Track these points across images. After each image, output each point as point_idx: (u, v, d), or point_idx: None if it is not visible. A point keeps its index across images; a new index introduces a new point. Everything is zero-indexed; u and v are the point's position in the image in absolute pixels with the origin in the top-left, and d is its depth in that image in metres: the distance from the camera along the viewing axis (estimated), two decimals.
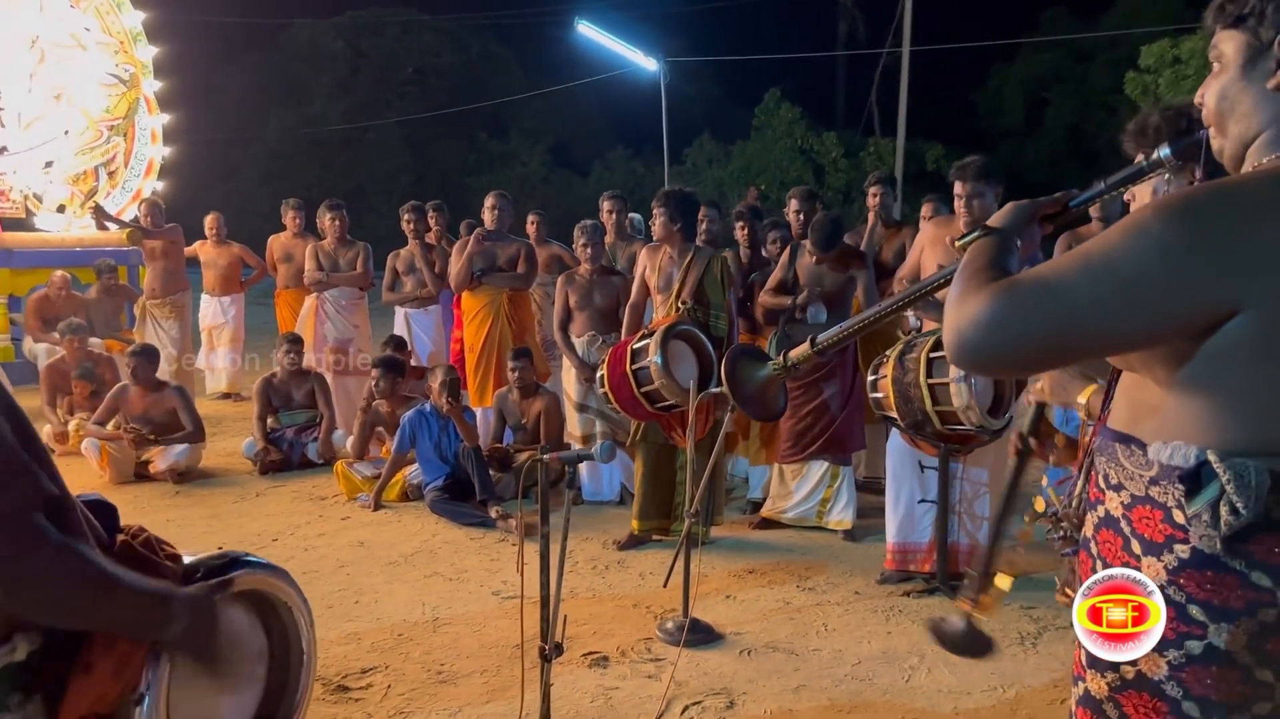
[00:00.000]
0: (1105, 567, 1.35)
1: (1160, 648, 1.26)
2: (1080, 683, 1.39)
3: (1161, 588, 1.26)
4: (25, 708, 1.39)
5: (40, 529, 1.32)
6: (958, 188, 4.22)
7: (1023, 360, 1.32)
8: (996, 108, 28.87)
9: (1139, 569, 1.29)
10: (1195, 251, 1.18)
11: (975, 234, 1.46)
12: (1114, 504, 1.35)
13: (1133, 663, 1.29)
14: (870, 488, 5.74)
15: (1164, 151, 1.46)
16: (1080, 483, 1.54)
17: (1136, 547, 1.30)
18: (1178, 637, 1.25)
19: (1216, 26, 1.35)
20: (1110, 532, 1.35)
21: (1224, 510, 1.19)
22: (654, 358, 4.42)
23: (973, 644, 2.13)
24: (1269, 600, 1.21)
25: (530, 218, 7.31)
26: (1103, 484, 1.38)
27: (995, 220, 1.49)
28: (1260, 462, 1.18)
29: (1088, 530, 1.42)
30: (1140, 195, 2.00)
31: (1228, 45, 1.33)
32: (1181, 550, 1.25)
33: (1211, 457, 1.21)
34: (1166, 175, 1.54)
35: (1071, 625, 3.78)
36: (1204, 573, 1.23)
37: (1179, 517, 1.25)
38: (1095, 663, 1.34)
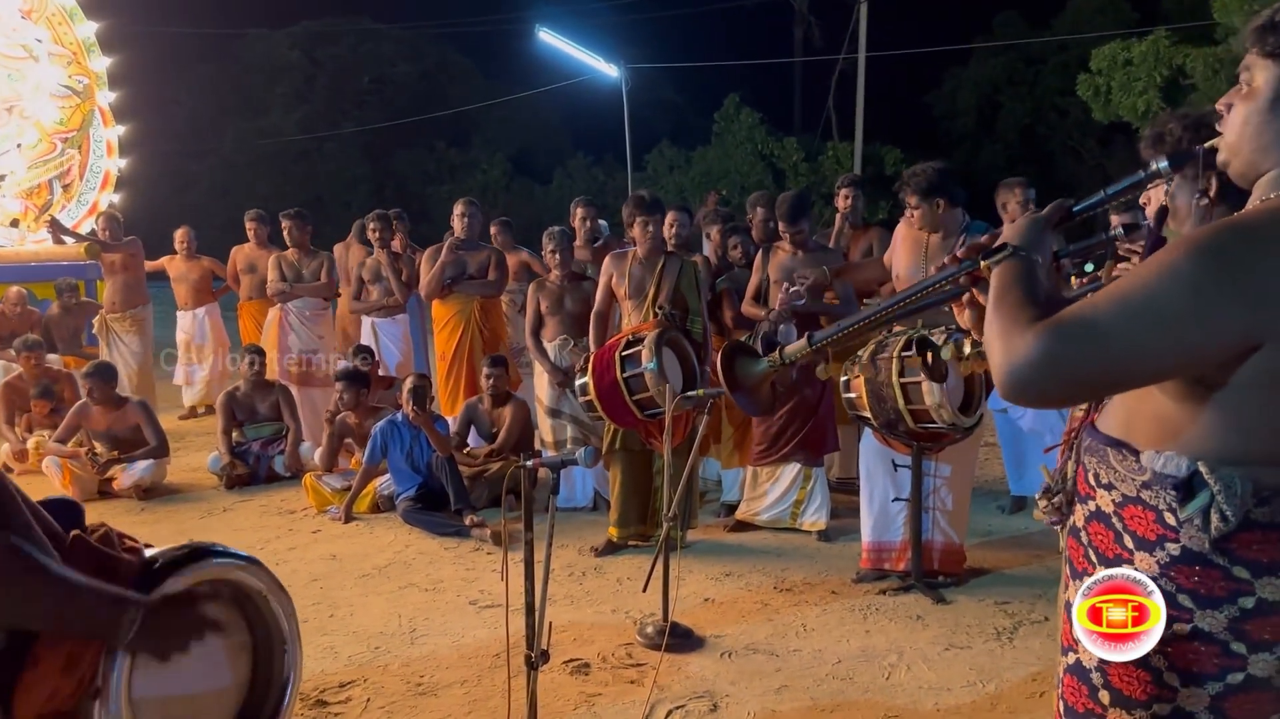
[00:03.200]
0: (1097, 554, 1.48)
1: None
2: (1071, 653, 1.50)
3: (1153, 578, 1.38)
4: None
5: None
6: (908, 199, 4.40)
7: (1071, 396, 1.45)
8: (950, 111, 29.21)
9: (1131, 561, 1.41)
10: (1225, 292, 1.25)
11: (1002, 255, 1.50)
12: (1104, 501, 1.47)
13: None
14: (843, 488, 5.78)
15: (1162, 164, 1.52)
16: (1071, 463, 1.62)
17: (1129, 541, 1.42)
18: (1167, 620, 1.36)
19: (1254, 49, 1.38)
20: (1101, 525, 1.47)
21: (1214, 517, 1.32)
22: (649, 365, 4.42)
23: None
24: (1248, 590, 1.34)
25: (492, 228, 7.34)
26: (1092, 482, 1.50)
27: (1014, 238, 1.53)
28: (1244, 470, 1.31)
29: (1078, 520, 1.54)
30: (1154, 197, 2.08)
31: (1261, 74, 1.37)
32: (1172, 548, 1.37)
33: (1203, 468, 1.33)
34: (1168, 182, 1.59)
35: (1046, 620, 3.83)
36: (1193, 568, 1.36)
37: (1170, 519, 1.37)
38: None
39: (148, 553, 1.65)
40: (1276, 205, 1.34)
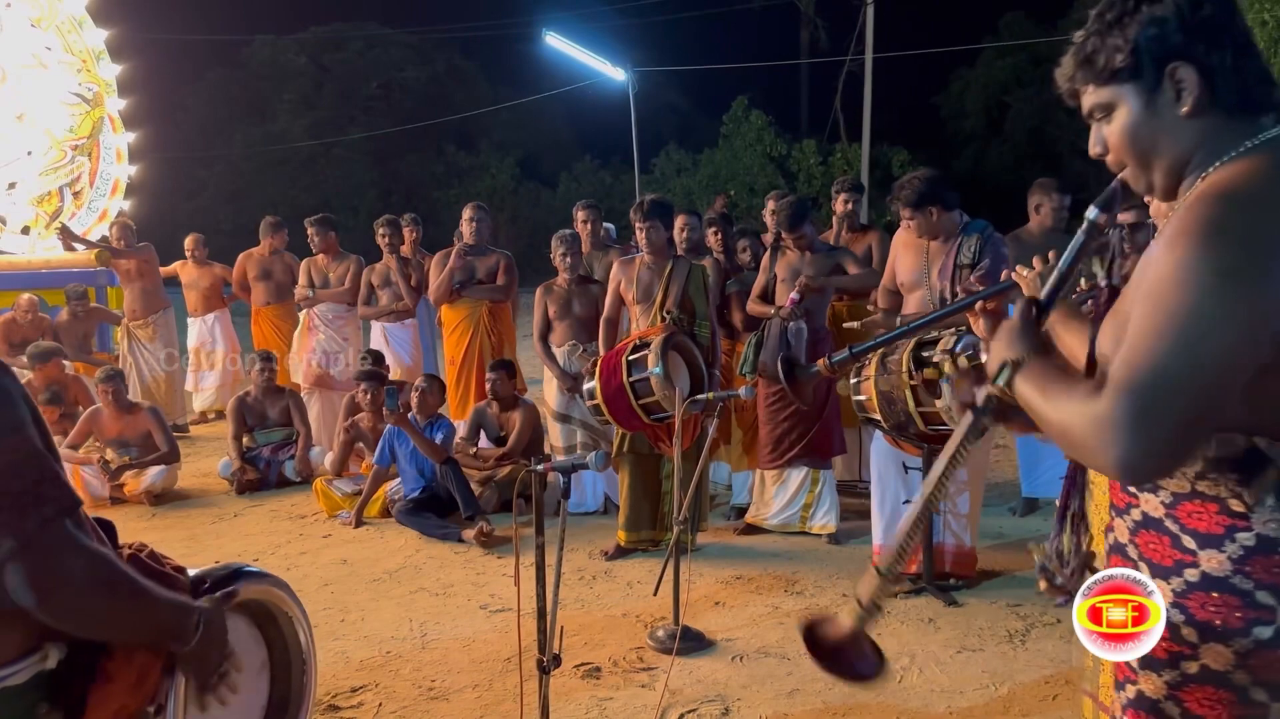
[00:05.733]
0: (1151, 566, 1.35)
1: (1225, 638, 1.26)
2: (1130, 685, 1.38)
3: (1226, 577, 1.27)
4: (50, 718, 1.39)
5: (73, 536, 1.32)
6: (901, 212, 4.44)
7: (1182, 451, 1.21)
8: (958, 112, 29.23)
9: (1196, 563, 1.29)
10: (1251, 264, 1.17)
11: (1007, 374, 1.41)
12: (1151, 506, 1.36)
13: (1196, 659, 1.29)
14: (851, 491, 5.77)
15: (1091, 213, 1.47)
16: (1066, 537, 1.52)
17: (1190, 541, 1.31)
18: (1246, 624, 1.25)
19: (1092, 85, 1.36)
20: (1152, 532, 1.36)
21: None
22: (654, 369, 4.43)
23: None
24: None
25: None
26: (1132, 489, 1.39)
27: (1008, 352, 1.44)
28: None
29: (1120, 535, 1.42)
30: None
31: (1114, 97, 1.35)
32: (1245, 538, 1.26)
33: (1261, 443, 1.23)
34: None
35: (1059, 622, 3.80)
36: (1271, 557, 1.24)
37: (1236, 505, 1.27)
38: (1150, 663, 1.34)
39: (192, 572, 1.68)
40: (1242, 170, 1.26)
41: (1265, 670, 1.25)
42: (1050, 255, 2.08)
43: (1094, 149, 1.41)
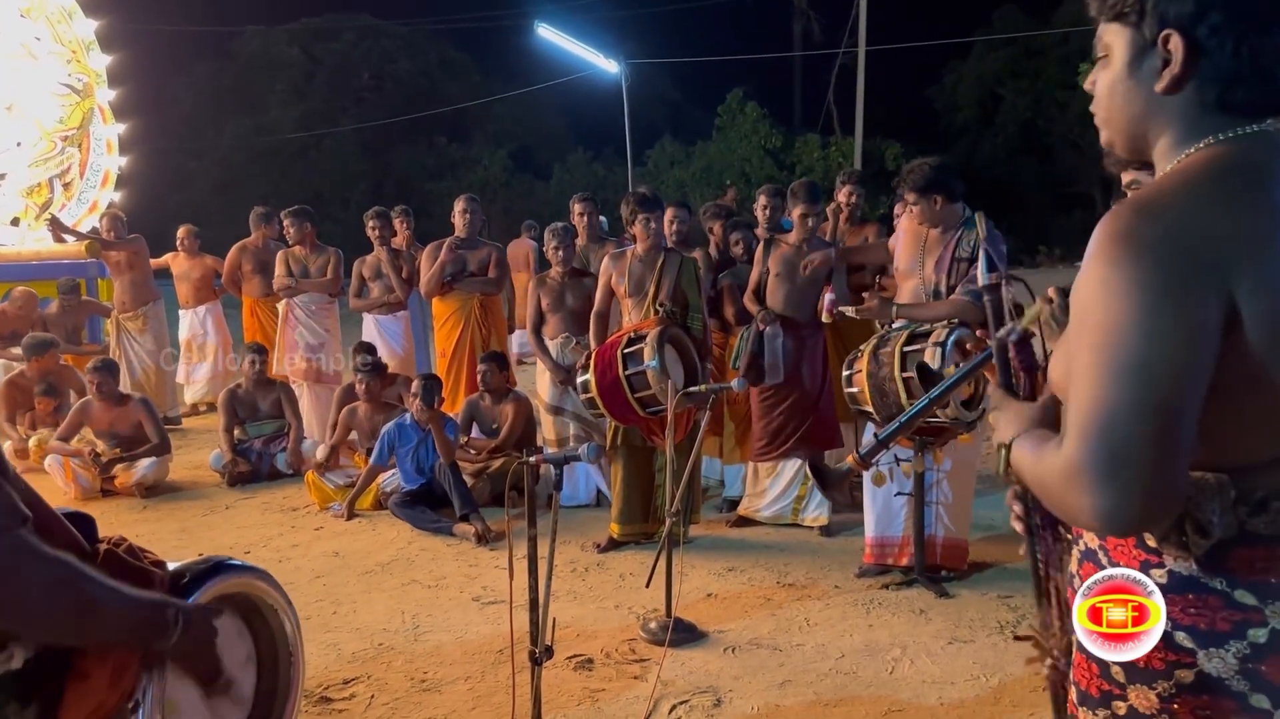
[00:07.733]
0: None
1: (1149, 680, 1.22)
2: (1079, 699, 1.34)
3: None
4: (22, 717, 1.38)
5: (27, 544, 1.30)
6: (906, 195, 4.41)
7: (1163, 487, 1.09)
8: (951, 105, 29.27)
9: None
10: (1171, 275, 1.08)
11: (1002, 458, 1.38)
12: (1089, 537, 1.31)
13: (1124, 699, 1.25)
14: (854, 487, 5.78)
15: (1002, 336, 1.48)
16: (1055, 611, 1.47)
17: None
18: (1167, 667, 1.20)
19: (1101, 18, 1.26)
20: (1091, 564, 1.32)
21: (1189, 528, 1.14)
22: (651, 363, 4.42)
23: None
24: (1258, 619, 1.14)
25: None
26: None
27: (1005, 433, 1.40)
28: (1225, 475, 1.13)
29: (1073, 566, 1.39)
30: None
31: (1114, 39, 1.24)
32: (1158, 575, 1.20)
33: None
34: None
35: None
36: (1185, 596, 1.18)
37: (1150, 540, 1.21)
38: (1087, 701, 1.31)
39: (171, 566, 1.67)
40: (1179, 168, 1.19)
41: (1188, 716, 1.19)
42: (1051, 291, 2.06)
43: (1088, 82, 1.32)
